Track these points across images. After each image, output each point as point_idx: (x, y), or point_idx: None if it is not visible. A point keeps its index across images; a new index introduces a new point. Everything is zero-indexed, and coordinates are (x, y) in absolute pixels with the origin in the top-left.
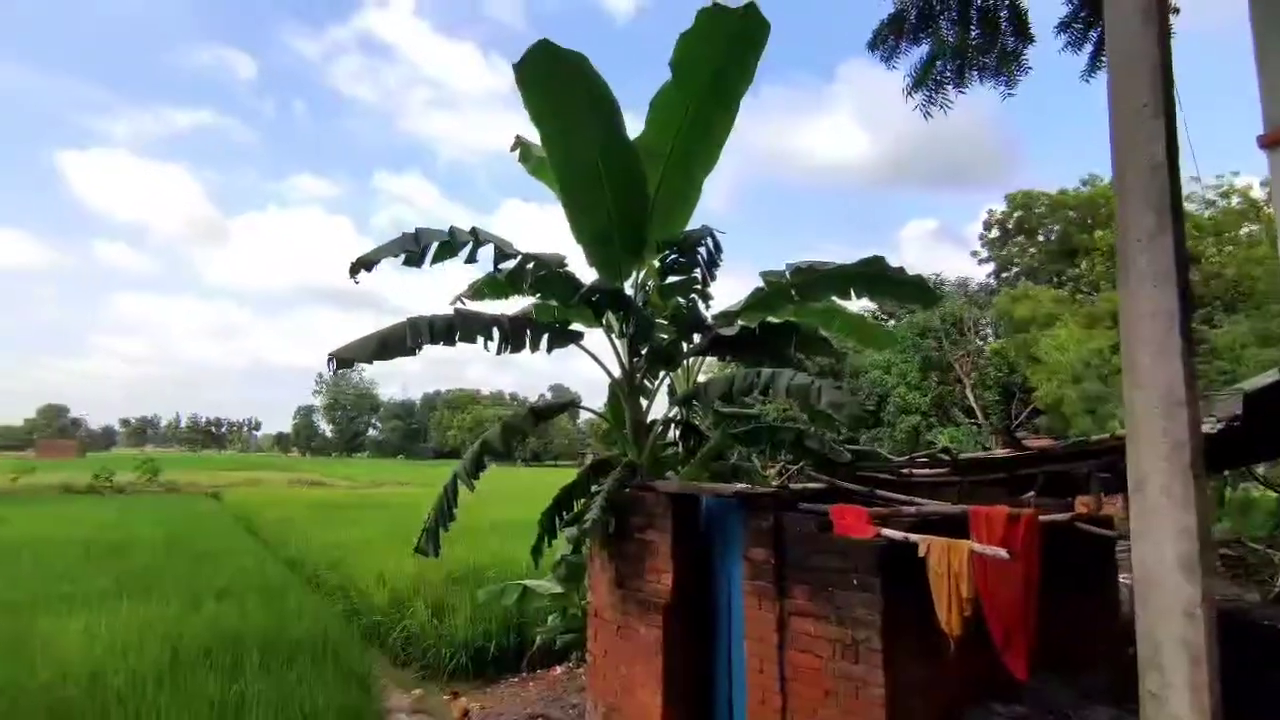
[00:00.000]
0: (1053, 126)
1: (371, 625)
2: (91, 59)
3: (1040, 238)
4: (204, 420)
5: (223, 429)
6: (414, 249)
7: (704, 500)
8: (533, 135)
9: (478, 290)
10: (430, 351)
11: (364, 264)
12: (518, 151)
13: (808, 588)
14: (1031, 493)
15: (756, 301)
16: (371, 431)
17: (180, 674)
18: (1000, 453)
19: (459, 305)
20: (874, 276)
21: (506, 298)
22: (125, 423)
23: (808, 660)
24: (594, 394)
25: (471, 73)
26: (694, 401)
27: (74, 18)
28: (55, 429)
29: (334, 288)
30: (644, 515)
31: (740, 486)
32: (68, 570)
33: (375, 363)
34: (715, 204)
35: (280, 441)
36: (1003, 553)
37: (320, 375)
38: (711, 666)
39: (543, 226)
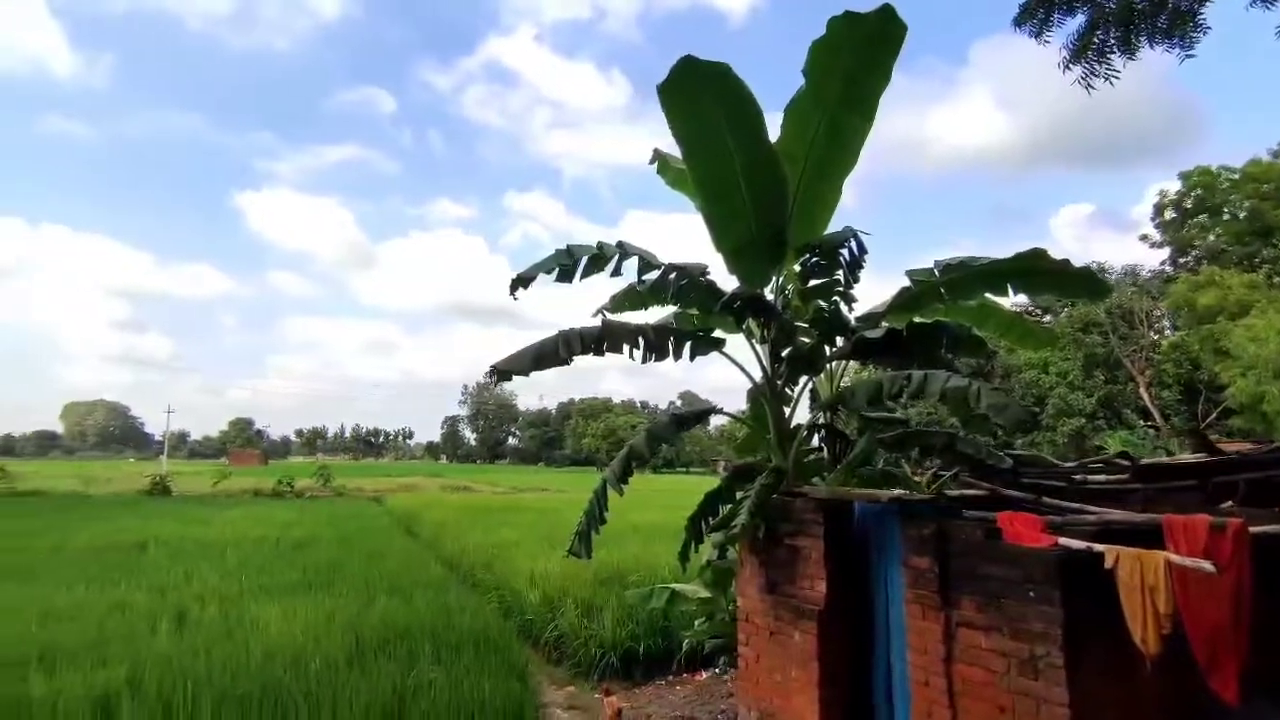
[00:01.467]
0: (1224, 94)
1: (524, 623)
2: (260, 109)
3: (1226, 216)
4: (364, 431)
5: (380, 438)
6: (567, 263)
7: (856, 506)
8: (662, 145)
9: (618, 303)
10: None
11: (523, 281)
12: (655, 164)
13: (977, 598)
14: (1231, 502)
15: (903, 302)
16: (511, 439)
17: (366, 660)
18: (1190, 458)
19: (603, 317)
20: (1033, 271)
21: (645, 308)
22: (299, 433)
23: (979, 674)
24: (724, 400)
25: (590, 91)
26: (838, 406)
27: (243, 74)
28: (243, 439)
29: (472, 304)
30: (794, 521)
31: (897, 492)
32: (264, 565)
33: (531, 374)
34: (843, 201)
35: (430, 449)
36: (1208, 565)
37: (465, 387)
38: (868, 674)
39: (666, 234)
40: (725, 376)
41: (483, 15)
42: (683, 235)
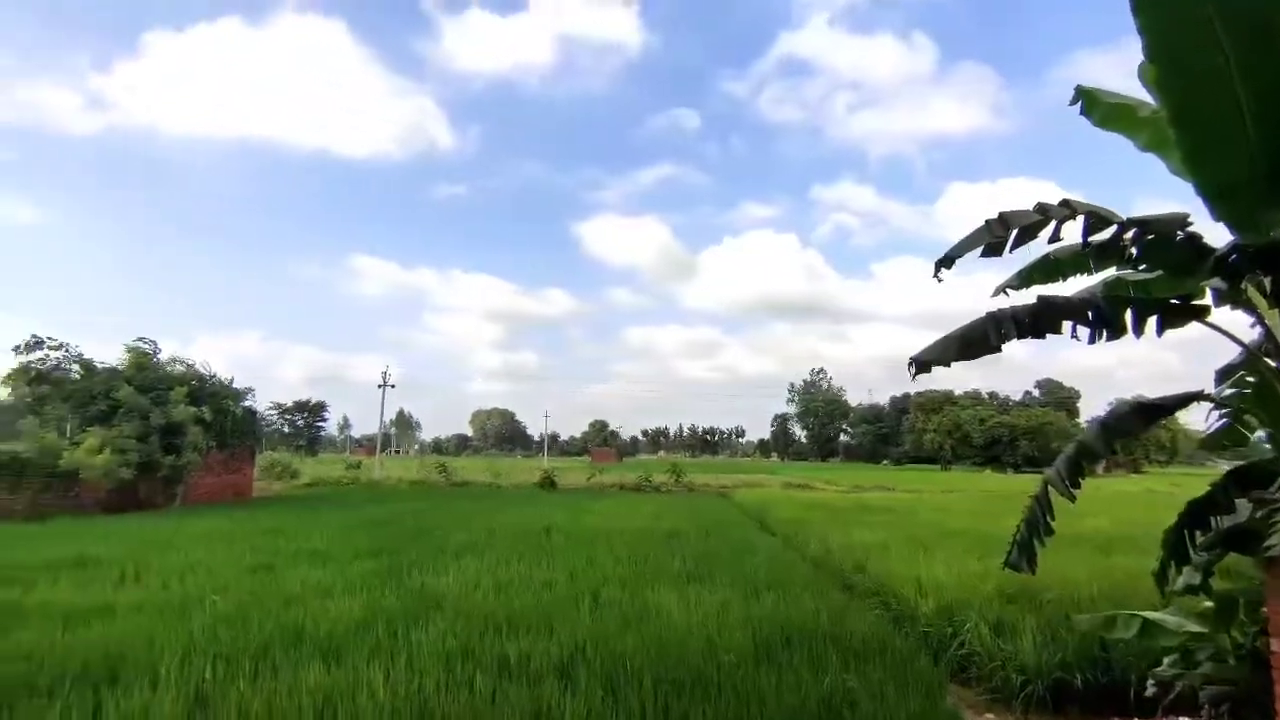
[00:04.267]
0: None
1: (919, 635)
2: (585, 147)
3: None
4: (700, 429)
5: (715, 436)
6: (1000, 235)
7: None
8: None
9: (1024, 277)
10: (885, 354)
11: (947, 261)
12: (1079, 104)
13: None
14: None
15: None
16: (843, 436)
17: (774, 657)
18: None
19: (1004, 295)
20: None
21: (1063, 279)
22: (645, 432)
23: None
24: (1094, 390)
25: (891, 62)
26: None
27: (569, 119)
28: (600, 439)
29: (788, 301)
30: None
31: None
32: (647, 553)
33: (953, 364)
34: None
35: (761, 447)
36: None
37: (791, 385)
38: None
39: (996, 206)
40: (1093, 361)
41: (773, 16)
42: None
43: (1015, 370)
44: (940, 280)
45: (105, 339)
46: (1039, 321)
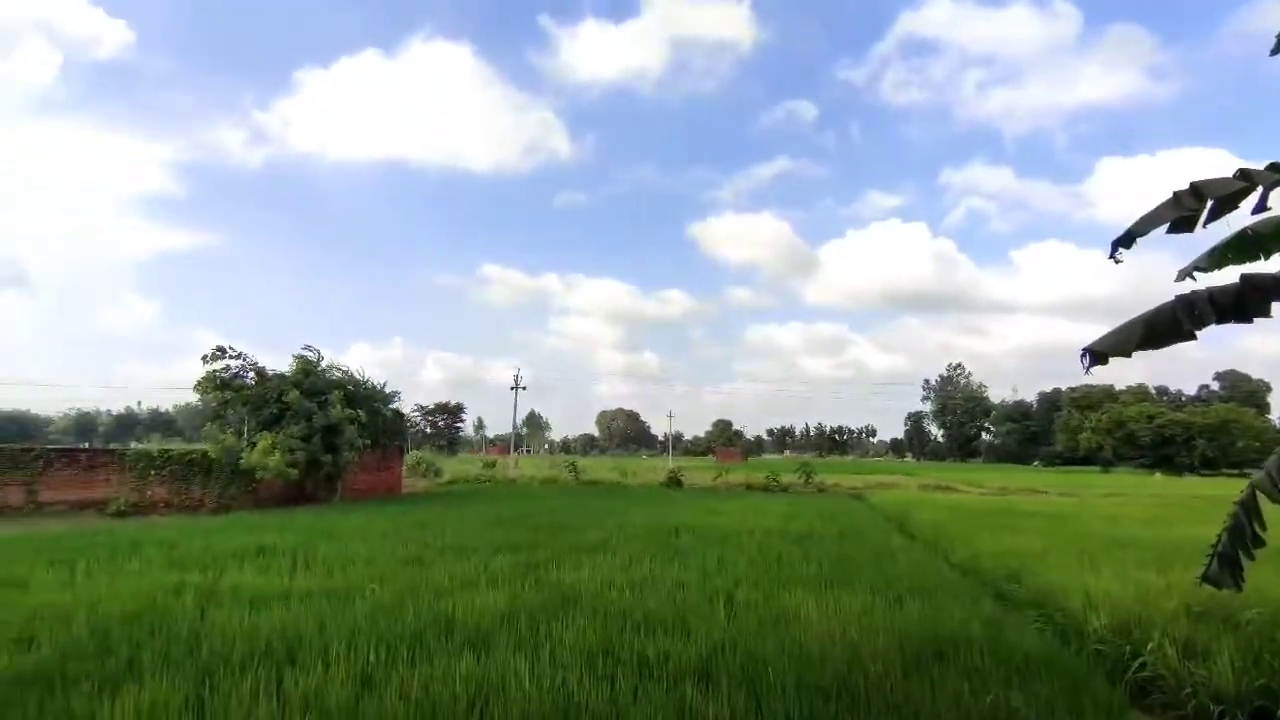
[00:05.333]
0: None
1: (1089, 653)
2: (699, 147)
3: None
4: (828, 428)
5: (844, 436)
6: (1192, 208)
7: None
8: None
9: (1217, 256)
10: (1029, 346)
11: (1127, 239)
12: None
13: None
14: None
15: None
16: (985, 435)
17: (924, 670)
18: None
19: (1190, 279)
20: None
21: (1264, 257)
22: (770, 432)
23: None
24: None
25: (1027, 33)
26: None
27: (683, 120)
28: (725, 438)
29: (918, 294)
30: None
31: None
32: (780, 555)
33: (1133, 354)
34: None
35: (894, 447)
36: None
37: (926, 381)
38: None
39: (1155, 182)
40: (1271, 350)
41: None
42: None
43: (1184, 362)
44: (1118, 261)
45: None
46: (1243, 303)
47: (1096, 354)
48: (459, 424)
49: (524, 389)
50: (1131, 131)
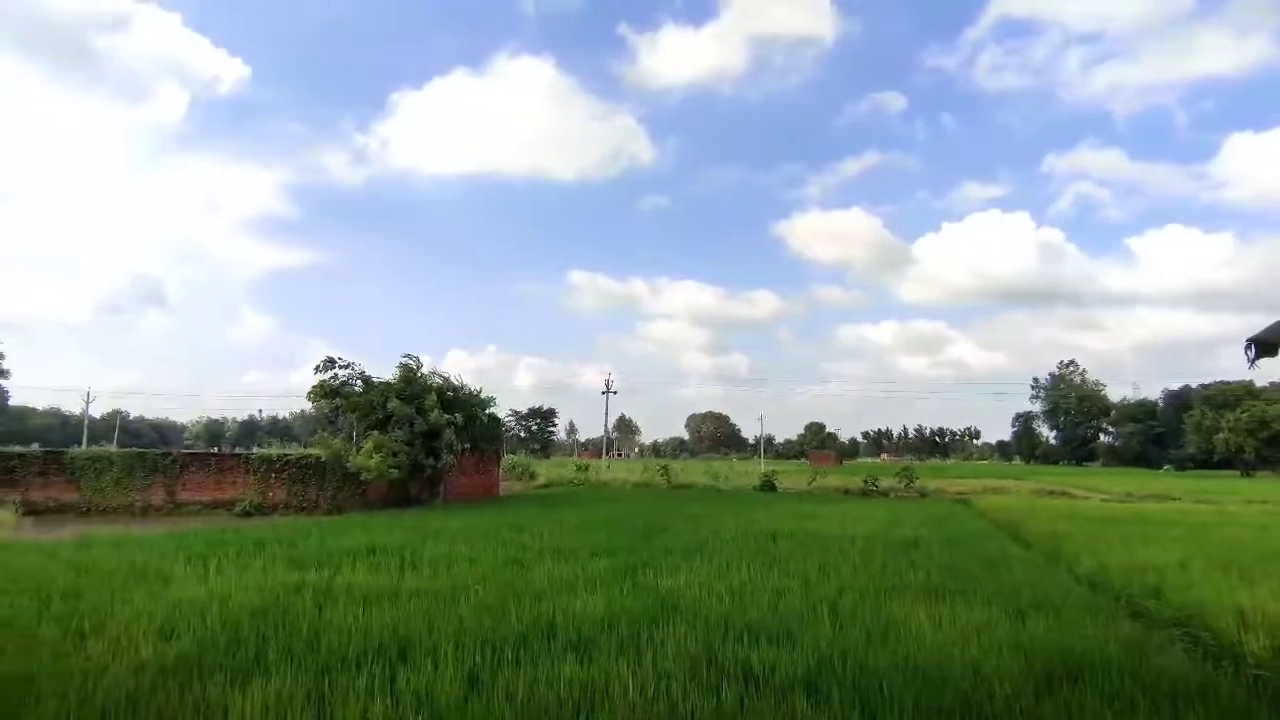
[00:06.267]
0: None
1: (1247, 679)
2: (783, 145)
3: None
4: (928, 430)
5: (945, 438)
6: None
7: None
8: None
9: None
10: (1152, 340)
11: (1270, 348)
12: None
13: None
14: None
15: None
16: (1103, 437)
17: (1056, 694)
18: None
19: None
20: None
21: None
22: (865, 434)
23: None
24: None
25: (1135, 6)
26: None
27: (765, 118)
28: (817, 441)
29: (1022, 288)
30: None
31: None
32: (884, 563)
33: None
34: None
35: (1001, 449)
36: None
37: (1035, 380)
38: None
39: None
40: None
41: None
42: None
43: None
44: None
45: (379, 357)
46: None
47: (1263, 345)
48: (551, 428)
49: (615, 393)
50: (1264, 104)
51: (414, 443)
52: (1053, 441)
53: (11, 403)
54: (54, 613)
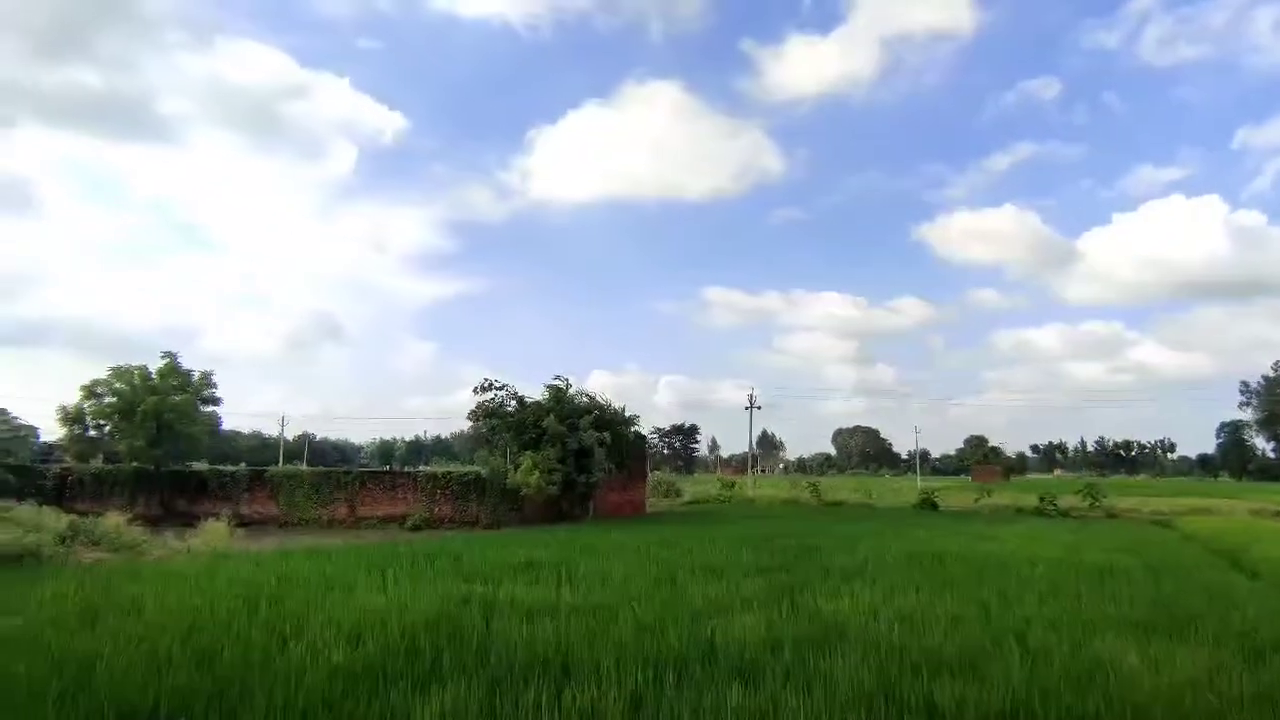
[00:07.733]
0: None
1: None
2: (923, 143)
3: None
4: (1109, 443)
5: (1132, 451)
6: None
7: None
8: None
9: None
10: None
11: None
12: None
13: None
14: None
15: None
16: None
17: None
18: None
19: None
20: None
21: None
22: (1035, 448)
23: None
24: None
25: None
26: None
27: (903, 120)
28: (981, 456)
29: (1215, 279)
30: None
31: None
32: (1073, 593)
33: None
34: None
35: (1203, 464)
36: None
37: (1245, 385)
38: None
39: None
40: None
41: None
42: None
43: None
44: None
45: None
46: None
47: None
48: (694, 445)
49: (759, 408)
50: None
51: (566, 460)
52: (1270, 455)
53: (223, 427)
54: (261, 617)
